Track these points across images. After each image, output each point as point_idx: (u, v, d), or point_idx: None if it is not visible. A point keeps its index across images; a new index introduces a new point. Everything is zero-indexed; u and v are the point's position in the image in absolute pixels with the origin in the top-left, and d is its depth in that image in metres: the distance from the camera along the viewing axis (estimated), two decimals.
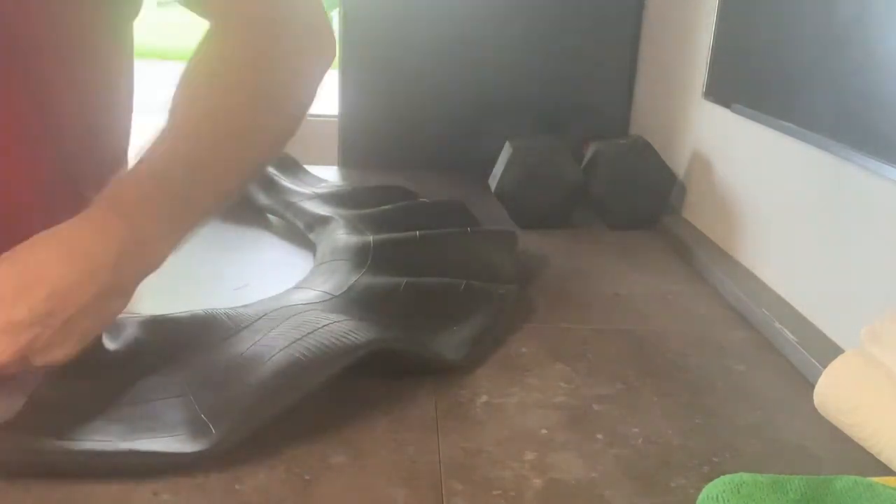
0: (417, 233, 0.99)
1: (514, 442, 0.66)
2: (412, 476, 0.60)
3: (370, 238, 0.97)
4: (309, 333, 0.70)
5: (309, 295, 0.84)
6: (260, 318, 0.76)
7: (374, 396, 0.71)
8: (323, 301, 0.82)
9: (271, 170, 1.25)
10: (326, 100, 1.94)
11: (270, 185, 1.21)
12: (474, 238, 1.02)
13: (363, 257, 0.93)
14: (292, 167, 1.34)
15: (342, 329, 0.71)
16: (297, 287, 0.88)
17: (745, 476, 0.53)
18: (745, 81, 1.08)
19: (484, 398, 0.72)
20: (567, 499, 0.59)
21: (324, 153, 1.53)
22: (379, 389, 0.72)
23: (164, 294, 0.92)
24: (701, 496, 0.53)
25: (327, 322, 0.73)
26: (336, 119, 1.57)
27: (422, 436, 0.66)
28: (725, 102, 1.13)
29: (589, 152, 1.30)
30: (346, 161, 1.56)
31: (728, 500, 0.52)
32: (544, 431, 0.67)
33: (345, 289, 0.85)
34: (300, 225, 1.11)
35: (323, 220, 1.08)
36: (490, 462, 0.63)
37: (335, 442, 0.64)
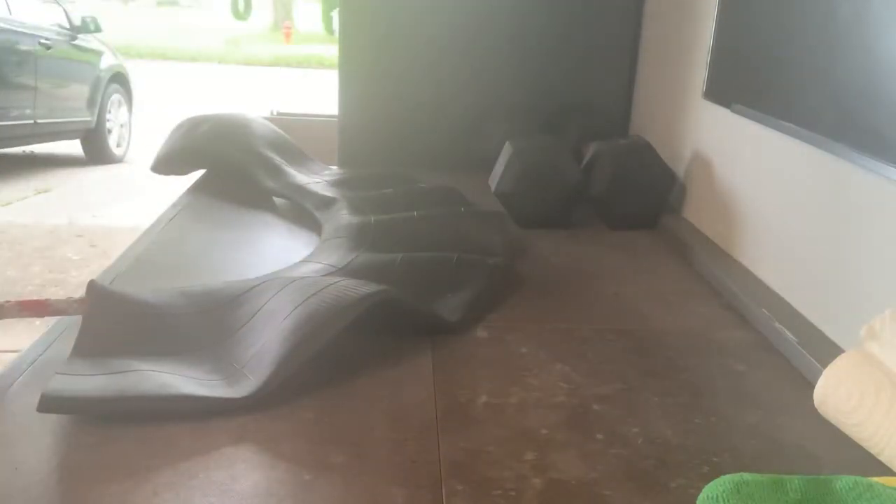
0: (415, 213, 1.07)
1: (514, 442, 0.65)
2: (412, 476, 0.60)
3: (371, 218, 1.04)
4: (320, 290, 0.76)
5: (315, 267, 0.91)
6: (265, 282, 0.82)
7: (374, 396, 0.71)
8: (328, 274, 0.88)
9: (278, 158, 1.31)
10: (326, 100, 1.94)
11: (277, 172, 1.27)
12: (466, 218, 1.10)
13: (365, 235, 0.99)
14: (298, 156, 1.38)
15: (349, 284, 0.78)
16: (304, 261, 0.94)
17: (746, 476, 0.53)
18: (745, 81, 1.08)
19: (484, 398, 0.72)
20: (567, 499, 0.59)
21: (324, 153, 1.53)
22: (379, 389, 0.72)
23: (175, 273, 0.93)
24: (701, 496, 0.53)
25: (334, 281, 0.79)
26: (336, 119, 1.57)
27: (422, 436, 0.66)
28: (725, 102, 1.13)
29: (589, 152, 1.30)
30: (346, 161, 1.56)
31: (728, 500, 0.52)
32: (544, 431, 0.67)
33: (347, 262, 0.91)
34: (308, 206, 1.17)
35: (329, 202, 1.15)
36: (490, 462, 0.62)
37: (335, 442, 0.64)
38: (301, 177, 1.26)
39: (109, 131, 4.57)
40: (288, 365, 0.69)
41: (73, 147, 4.10)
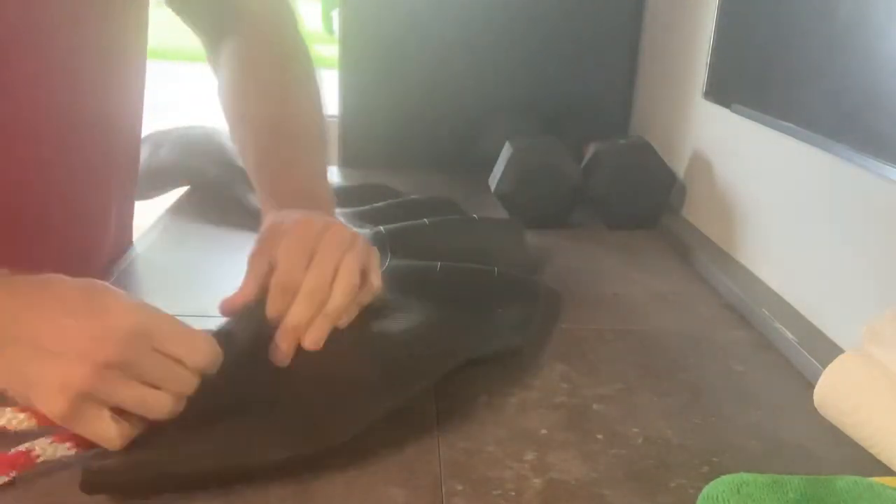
0: (426, 220, 1.01)
1: (514, 442, 0.66)
2: (412, 476, 0.60)
3: (381, 228, 0.98)
4: (388, 349, 0.70)
5: None
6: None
7: None
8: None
9: None
10: (326, 100, 1.94)
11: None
12: (482, 225, 1.05)
13: (381, 246, 0.91)
14: None
15: (424, 337, 0.72)
16: None
17: (745, 476, 0.53)
18: (745, 81, 1.08)
19: (484, 398, 0.72)
20: (567, 499, 0.59)
21: None
22: None
23: (176, 297, 0.92)
24: (701, 496, 0.53)
25: (402, 329, 0.72)
26: (336, 119, 1.57)
27: (422, 436, 0.66)
28: (725, 102, 1.13)
29: (589, 152, 1.30)
30: (346, 161, 1.56)
31: (728, 500, 0.52)
32: (544, 431, 0.67)
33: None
34: None
35: None
36: (490, 462, 0.63)
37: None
38: None
39: None
40: (359, 422, 0.61)
41: None
